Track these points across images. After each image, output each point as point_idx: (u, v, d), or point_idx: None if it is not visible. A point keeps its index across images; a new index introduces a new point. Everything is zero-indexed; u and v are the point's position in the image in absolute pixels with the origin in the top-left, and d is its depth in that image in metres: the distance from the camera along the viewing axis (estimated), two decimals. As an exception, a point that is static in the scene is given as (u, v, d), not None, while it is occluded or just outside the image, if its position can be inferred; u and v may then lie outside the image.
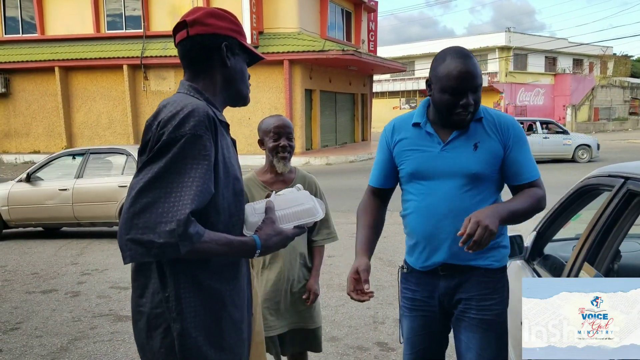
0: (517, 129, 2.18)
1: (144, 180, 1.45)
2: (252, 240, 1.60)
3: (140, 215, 1.41)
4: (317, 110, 22.86)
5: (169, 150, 1.47)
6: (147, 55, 21.13)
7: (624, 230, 2.01)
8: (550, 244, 2.98)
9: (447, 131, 2.17)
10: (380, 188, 2.37)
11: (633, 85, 49.27)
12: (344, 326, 4.64)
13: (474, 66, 2.07)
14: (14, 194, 8.75)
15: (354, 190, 13.13)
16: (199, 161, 1.49)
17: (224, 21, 1.71)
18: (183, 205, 1.42)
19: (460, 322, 2.24)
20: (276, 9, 21.34)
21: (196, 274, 1.57)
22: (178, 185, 1.45)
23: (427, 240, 2.19)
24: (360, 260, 2.24)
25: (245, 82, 1.79)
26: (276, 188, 2.66)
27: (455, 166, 2.12)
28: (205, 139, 1.51)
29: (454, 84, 2.04)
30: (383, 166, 2.32)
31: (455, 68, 2.04)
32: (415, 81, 45.72)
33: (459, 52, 2.09)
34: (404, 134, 2.24)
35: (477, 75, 2.07)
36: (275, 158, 2.75)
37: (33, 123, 23.12)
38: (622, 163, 2.36)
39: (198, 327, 1.57)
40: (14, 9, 23.89)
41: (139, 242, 1.40)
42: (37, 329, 4.78)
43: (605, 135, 33.76)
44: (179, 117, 1.50)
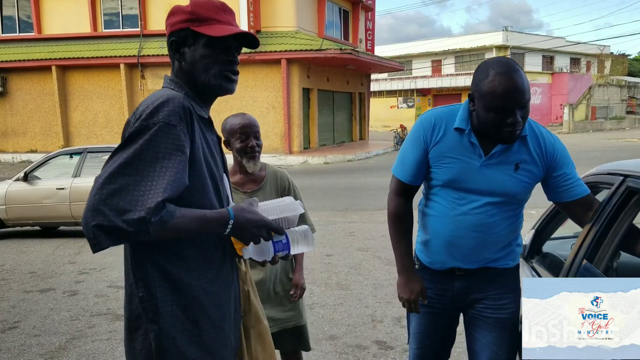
0: (561, 150, 2.08)
1: (112, 167, 1.40)
2: (226, 211, 1.54)
3: (107, 202, 1.35)
4: (315, 109, 22.84)
5: (139, 137, 1.43)
6: (144, 54, 21.09)
7: (624, 228, 2.01)
8: (548, 242, 2.98)
9: (491, 142, 2.04)
10: (412, 185, 2.22)
11: (630, 84, 49.34)
12: (342, 325, 4.64)
13: (521, 81, 1.89)
14: (11, 193, 8.73)
15: (351, 189, 13.15)
16: (172, 151, 1.43)
17: (174, 15, 1.65)
18: (155, 193, 1.37)
19: (476, 321, 2.24)
20: (274, 7, 21.31)
21: (172, 271, 1.53)
22: (149, 173, 1.40)
23: (447, 247, 2.16)
24: (417, 281, 2.21)
25: (209, 71, 1.63)
26: (248, 188, 2.69)
27: (493, 185, 2.05)
28: (179, 130, 1.46)
29: (499, 103, 1.88)
30: (417, 163, 2.15)
31: (501, 85, 1.87)
32: (412, 80, 45.77)
33: (504, 65, 1.91)
34: (444, 136, 2.08)
35: (525, 90, 1.90)
36: (245, 158, 2.64)
37: (30, 122, 23.05)
38: (621, 161, 2.37)
39: (176, 328, 1.53)
40: (11, 7, 23.81)
41: (106, 229, 1.35)
42: (35, 328, 4.77)
43: (602, 134, 33.82)
44: (152, 107, 1.47)
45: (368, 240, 7.66)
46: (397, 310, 4.87)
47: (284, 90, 20.42)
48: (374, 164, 19.41)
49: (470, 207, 2.09)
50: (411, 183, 2.20)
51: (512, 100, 1.88)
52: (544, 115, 43.96)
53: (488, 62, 1.97)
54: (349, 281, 5.84)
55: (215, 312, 1.60)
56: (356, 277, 5.98)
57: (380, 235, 7.83)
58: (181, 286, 1.53)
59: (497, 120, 1.91)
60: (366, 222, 9.00)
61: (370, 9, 28.99)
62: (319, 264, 6.38)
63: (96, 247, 1.38)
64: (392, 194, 2.26)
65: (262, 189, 2.72)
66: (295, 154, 20.65)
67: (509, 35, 42.41)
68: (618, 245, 2.02)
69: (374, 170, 17.49)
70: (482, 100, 1.93)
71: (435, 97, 45.70)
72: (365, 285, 5.69)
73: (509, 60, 1.95)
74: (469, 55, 43.82)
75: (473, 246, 2.11)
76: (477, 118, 1.99)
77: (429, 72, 46.03)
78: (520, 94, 1.88)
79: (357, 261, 6.58)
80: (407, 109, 46.14)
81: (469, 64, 43.72)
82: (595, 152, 20.07)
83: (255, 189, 2.71)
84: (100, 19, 22.84)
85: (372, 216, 9.57)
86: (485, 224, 2.08)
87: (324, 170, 17.62)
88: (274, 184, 2.77)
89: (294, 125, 20.98)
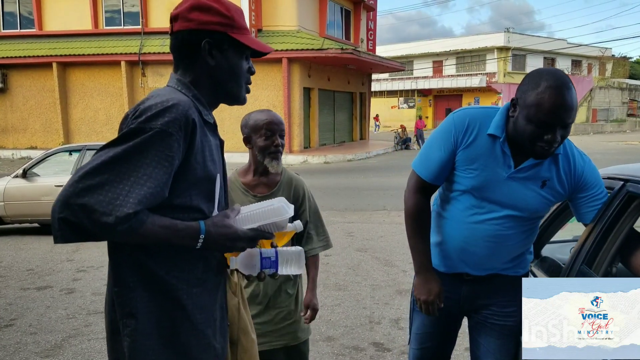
0: (589, 172, 2.02)
1: (96, 162, 1.34)
2: (197, 224, 1.46)
3: (79, 196, 1.30)
4: (316, 109, 22.84)
5: (132, 138, 1.37)
6: (145, 52, 21.09)
7: (624, 233, 1.99)
8: (548, 246, 2.97)
9: (523, 153, 1.97)
10: (432, 184, 2.13)
11: (631, 87, 49.35)
12: (339, 326, 4.62)
13: (571, 99, 1.80)
14: (9, 190, 8.72)
15: (351, 189, 13.13)
16: (159, 161, 1.38)
17: (209, 14, 1.55)
18: (127, 202, 1.32)
19: (481, 327, 2.23)
20: (275, 6, 21.30)
21: (151, 267, 1.47)
22: (130, 178, 1.34)
23: (459, 252, 2.14)
24: (436, 281, 2.14)
25: (238, 81, 1.63)
26: (258, 192, 2.52)
27: (516, 199, 2.00)
28: (173, 140, 1.40)
29: (543, 117, 1.80)
30: (443, 163, 2.05)
31: (550, 99, 1.78)
32: (413, 81, 45.79)
33: (557, 79, 1.81)
34: (475, 140, 1.99)
35: (572, 110, 1.80)
36: (268, 158, 2.47)
37: (30, 119, 23.05)
38: (621, 165, 2.35)
39: (151, 325, 1.48)
40: (12, 4, 23.79)
41: (71, 224, 1.31)
42: (31, 326, 4.75)
43: (603, 137, 33.82)
44: (157, 109, 1.41)
45: (367, 241, 7.64)
46: (394, 311, 4.86)
47: (285, 89, 20.42)
48: (374, 164, 19.41)
49: (488, 217, 2.05)
50: (432, 182, 2.11)
51: (557, 117, 1.80)
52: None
53: (541, 72, 1.87)
54: (347, 282, 5.82)
55: (196, 315, 1.54)
56: (354, 277, 5.97)
57: (379, 236, 7.81)
58: (159, 283, 1.48)
59: (535, 133, 1.84)
60: (365, 223, 8.99)
61: (372, 9, 28.98)
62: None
63: (59, 239, 1.34)
64: (411, 191, 2.16)
65: (273, 195, 2.50)
66: (295, 153, 20.65)
67: (511, 36, 42.42)
68: (617, 250, 2.01)
69: (374, 170, 17.49)
70: (526, 110, 1.84)
71: (436, 98, 45.73)
72: (363, 286, 5.67)
73: (563, 75, 1.84)
74: (470, 56, 43.82)
75: (484, 255, 2.09)
76: (515, 126, 1.92)
77: (430, 72, 46.03)
78: (567, 112, 1.80)
79: (355, 262, 6.57)
80: (408, 109, 46.16)
81: (470, 64, 43.73)
82: (596, 155, 20.04)
83: (266, 194, 2.51)
84: (101, 16, 22.82)
85: (372, 217, 9.55)
86: (500, 235, 2.05)
87: (323, 170, 17.61)
88: (287, 190, 2.57)
89: (295, 124, 20.98)
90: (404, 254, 6.84)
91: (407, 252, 6.86)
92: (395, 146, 26.30)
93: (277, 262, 1.63)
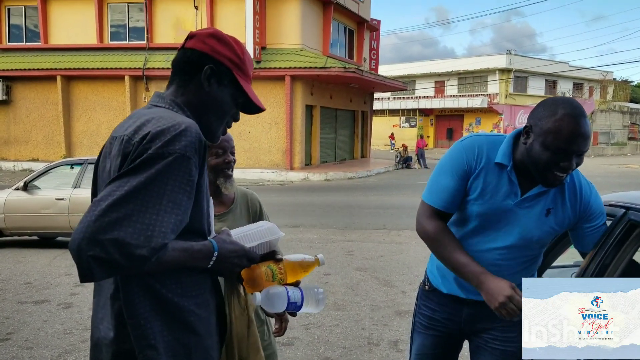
0: (595, 202, 2.02)
1: (119, 193, 1.30)
2: (209, 243, 1.48)
3: (108, 231, 1.26)
4: (317, 126, 22.92)
5: (152, 165, 1.34)
6: (150, 67, 21.22)
7: (625, 261, 1.99)
8: (549, 271, 2.95)
9: (529, 181, 1.97)
10: (446, 212, 2.07)
11: (632, 111, 49.55)
12: (338, 347, 4.59)
13: (588, 128, 1.82)
14: (10, 202, 8.71)
15: (351, 207, 13.12)
16: (182, 186, 1.37)
17: (224, 47, 1.58)
18: (160, 232, 1.31)
19: (483, 352, 2.20)
20: (279, 25, 21.47)
21: (164, 293, 1.44)
22: (155, 206, 1.32)
23: (458, 278, 2.10)
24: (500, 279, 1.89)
25: (221, 117, 1.62)
26: (216, 211, 2.37)
27: (520, 227, 1.99)
28: (192, 163, 1.40)
29: (561, 144, 1.80)
30: (455, 191, 2.01)
31: (568, 126, 1.79)
32: (415, 100, 45.98)
33: (574, 108, 1.82)
34: (484, 167, 1.98)
35: (589, 137, 1.83)
36: (221, 177, 2.36)
37: (33, 131, 23.12)
38: (622, 192, 2.35)
39: (169, 353, 1.44)
40: (18, 17, 24.02)
41: (103, 260, 1.26)
42: (27, 341, 4.72)
43: (604, 160, 33.86)
44: (171, 134, 1.38)
45: (367, 260, 7.61)
46: (393, 333, 4.83)
47: (287, 106, 20.50)
48: (375, 183, 19.42)
49: (492, 245, 2.03)
50: (445, 210, 2.05)
51: (575, 144, 1.80)
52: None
53: (557, 100, 1.88)
54: (346, 302, 5.79)
55: (207, 339, 1.54)
56: (353, 297, 5.94)
57: (379, 256, 7.79)
58: (172, 309, 1.45)
59: (551, 160, 1.83)
60: (365, 242, 8.97)
61: (375, 29, 29.22)
62: (317, 282, 6.28)
63: (86, 277, 1.30)
64: (425, 218, 2.07)
65: (231, 212, 2.47)
66: (296, 170, 20.66)
67: (512, 58, 42.66)
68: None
69: (374, 188, 17.49)
70: (542, 137, 1.83)
71: (437, 118, 45.88)
72: (362, 306, 5.64)
73: (578, 104, 1.86)
74: (472, 77, 44.05)
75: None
76: (528, 153, 1.90)
77: (432, 92, 46.24)
78: (585, 141, 1.81)
79: (354, 281, 6.53)
80: (410, 129, 46.29)
81: (472, 85, 43.93)
82: (597, 178, 20.07)
83: (224, 212, 2.45)
84: (106, 30, 23.01)
85: (371, 235, 9.53)
86: (502, 265, 2.03)
87: (324, 187, 17.62)
88: (244, 206, 2.53)
89: (296, 141, 21.03)
90: (403, 274, 6.81)
91: (406, 272, 6.88)
92: (397, 165, 26.35)
93: (301, 307, 1.64)
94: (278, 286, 1.63)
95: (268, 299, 1.60)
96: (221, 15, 21.14)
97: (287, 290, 1.63)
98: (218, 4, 21.43)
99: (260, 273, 1.62)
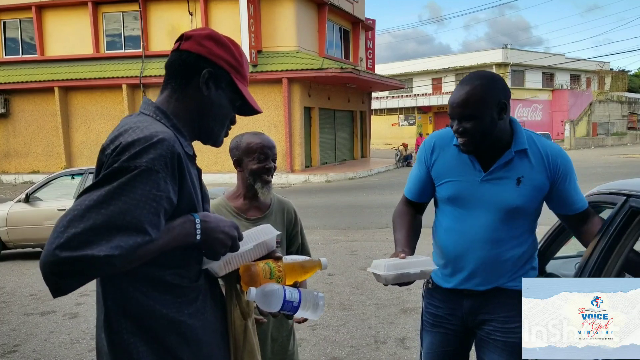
0: (565, 160, 2.10)
1: (80, 208, 1.25)
2: (190, 215, 1.42)
3: (65, 247, 1.21)
4: (316, 128, 22.93)
5: (116, 178, 1.28)
6: (147, 75, 21.24)
7: (627, 248, 1.99)
8: (552, 262, 2.96)
9: (489, 158, 2.09)
10: (416, 202, 2.32)
11: (631, 100, 49.51)
12: (345, 346, 4.59)
13: (466, 94, 2.00)
14: (12, 215, 8.73)
15: (353, 208, 13.12)
16: (147, 201, 1.30)
17: (222, 49, 1.54)
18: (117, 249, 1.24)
19: (485, 344, 2.22)
20: (275, 27, 21.50)
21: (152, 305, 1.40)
22: (115, 222, 1.25)
23: (455, 261, 2.18)
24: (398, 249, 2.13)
25: (222, 121, 1.59)
26: (251, 215, 2.45)
27: (496, 200, 2.07)
28: (160, 177, 1.32)
29: (449, 112, 2.07)
30: (420, 182, 2.27)
31: (452, 95, 2.05)
32: (413, 98, 45.99)
33: (466, 78, 2.06)
34: (443, 154, 2.18)
35: (467, 103, 1.99)
36: (259, 182, 2.40)
37: (32, 143, 23.15)
38: (623, 180, 2.35)
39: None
40: (14, 30, 24.06)
41: (64, 274, 1.23)
42: (35, 352, 4.73)
43: (604, 150, 33.84)
44: (139, 146, 1.32)
45: (371, 259, 7.50)
46: (400, 331, 4.83)
47: (285, 109, 20.51)
48: (376, 182, 19.41)
49: (474, 222, 2.11)
50: (415, 200, 2.31)
51: (452, 109, 2.04)
52: (545, 132, 44.02)
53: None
54: (351, 301, 5.79)
55: (204, 349, 1.48)
56: (359, 297, 5.94)
57: (382, 254, 7.77)
58: (161, 323, 1.41)
59: (452, 127, 2.07)
60: (368, 241, 8.97)
61: (371, 28, 29.23)
62: (321, 283, 6.34)
63: (56, 292, 1.28)
64: (399, 204, 2.36)
65: (266, 218, 2.47)
66: (297, 173, 20.67)
67: (509, 52, 42.68)
68: (622, 266, 2.00)
69: (375, 188, 17.49)
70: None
71: (436, 115, 45.88)
72: (368, 305, 5.64)
73: (474, 73, 2.07)
74: (469, 72, 44.07)
75: (479, 260, 2.11)
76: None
77: (430, 89, 46.25)
78: (461, 105, 2.00)
79: (359, 281, 6.54)
80: (409, 127, 46.30)
81: (470, 81, 43.91)
82: (597, 168, 20.06)
83: (259, 217, 2.46)
84: (102, 40, 23.04)
85: (374, 235, 9.53)
86: (490, 238, 2.09)
87: (325, 189, 17.62)
88: (279, 214, 2.54)
89: (296, 143, 21.04)
90: (408, 272, 6.80)
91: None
92: (397, 163, 26.36)
93: (298, 307, 1.60)
94: (275, 284, 1.59)
95: (263, 295, 1.55)
96: (216, 20, 21.14)
97: (283, 289, 1.59)
98: (212, 9, 21.46)
99: (258, 269, 1.58)
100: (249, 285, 1.57)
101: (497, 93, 2.01)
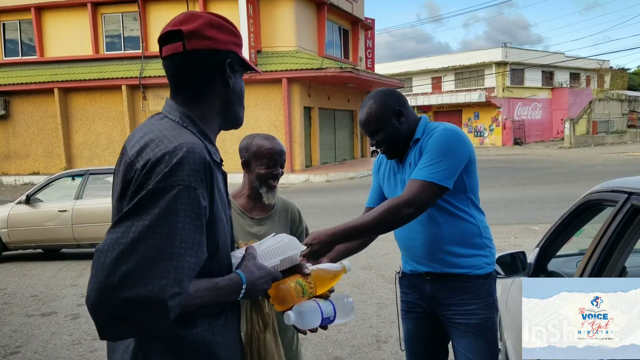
0: (434, 139, 2.21)
1: (125, 241, 1.16)
2: (236, 275, 1.37)
3: (121, 287, 1.13)
4: (316, 128, 22.94)
5: (155, 203, 1.19)
6: (146, 76, 21.24)
7: (629, 246, 1.99)
8: (554, 260, 2.96)
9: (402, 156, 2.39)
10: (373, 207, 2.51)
11: (631, 98, 49.46)
12: (346, 346, 4.59)
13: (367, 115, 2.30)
14: (13, 216, 8.73)
15: (354, 207, 13.11)
16: (192, 221, 1.23)
17: (226, 33, 1.44)
18: (176, 280, 1.17)
19: (449, 328, 2.35)
20: (274, 27, 21.50)
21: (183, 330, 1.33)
22: (167, 250, 1.18)
23: (405, 248, 2.44)
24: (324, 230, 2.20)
25: (242, 103, 1.53)
26: (256, 214, 2.47)
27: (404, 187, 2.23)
28: (199, 194, 1.25)
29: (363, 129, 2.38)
30: (375, 191, 2.58)
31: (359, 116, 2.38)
32: (413, 97, 45.93)
33: (365, 100, 2.36)
34: (384, 166, 2.52)
35: (369, 122, 2.31)
36: (265, 187, 2.41)
37: (32, 144, 23.15)
38: (624, 178, 2.35)
39: None
40: (13, 31, 24.07)
41: (121, 319, 1.16)
42: (36, 353, 4.73)
43: (604, 148, 33.83)
44: (171, 163, 1.23)
45: (371, 259, 7.62)
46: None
47: (285, 109, 20.52)
48: (376, 182, 19.37)
49: None
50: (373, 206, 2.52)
51: (364, 129, 2.36)
52: (545, 130, 44.01)
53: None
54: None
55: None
56: (360, 296, 5.94)
57: (383, 254, 7.79)
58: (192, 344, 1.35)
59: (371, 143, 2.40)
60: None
61: (370, 28, 29.22)
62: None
63: (106, 337, 1.21)
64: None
65: (271, 218, 2.50)
66: (297, 172, 20.67)
67: (508, 51, 42.63)
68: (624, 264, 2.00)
69: (376, 187, 17.44)
70: None
71: (436, 114, 45.86)
72: (369, 304, 5.65)
73: (370, 93, 2.37)
74: (469, 71, 44.02)
75: (420, 242, 2.30)
76: None
77: (429, 89, 46.23)
78: (366, 126, 2.34)
79: (360, 280, 6.54)
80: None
81: (469, 80, 43.91)
82: (597, 167, 20.07)
83: (264, 217, 2.49)
84: (102, 41, 23.05)
85: (375, 234, 9.52)
86: (422, 220, 2.23)
87: (326, 189, 17.62)
88: (283, 214, 2.56)
89: (296, 143, 21.05)
90: (409, 271, 6.80)
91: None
92: (397, 163, 26.36)
93: (334, 320, 1.61)
94: (309, 302, 1.58)
95: (301, 317, 1.54)
96: (215, 20, 21.13)
97: (319, 306, 1.58)
98: (212, 9, 21.43)
99: (290, 290, 1.55)
100: (281, 304, 1.55)
101: (391, 104, 2.30)
